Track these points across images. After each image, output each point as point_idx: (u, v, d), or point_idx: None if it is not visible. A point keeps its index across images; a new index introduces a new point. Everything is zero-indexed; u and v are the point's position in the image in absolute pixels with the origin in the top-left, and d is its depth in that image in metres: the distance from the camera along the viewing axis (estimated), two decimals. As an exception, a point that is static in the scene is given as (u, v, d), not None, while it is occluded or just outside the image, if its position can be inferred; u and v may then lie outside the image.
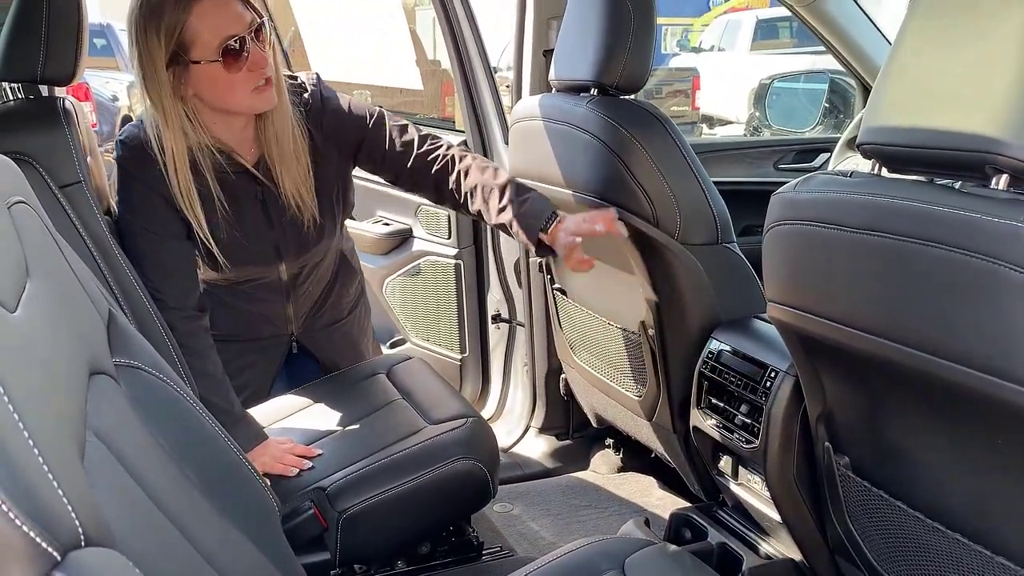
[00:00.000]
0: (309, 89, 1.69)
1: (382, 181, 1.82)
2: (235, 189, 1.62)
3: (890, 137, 1.06)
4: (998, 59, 0.95)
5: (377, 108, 1.75)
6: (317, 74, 1.74)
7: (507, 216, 1.62)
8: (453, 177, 1.69)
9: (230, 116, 1.57)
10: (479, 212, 1.68)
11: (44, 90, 1.57)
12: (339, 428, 1.67)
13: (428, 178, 1.71)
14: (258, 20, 1.52)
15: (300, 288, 1.78)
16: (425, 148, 1.71)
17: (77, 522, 0.53)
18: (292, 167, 1.61)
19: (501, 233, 2.38)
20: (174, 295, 1.58)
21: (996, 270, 0.91)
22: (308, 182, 1.64)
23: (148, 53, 1.47)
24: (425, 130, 1.77)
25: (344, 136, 1.70)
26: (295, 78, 1.71)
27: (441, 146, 1.73)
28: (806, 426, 1.40)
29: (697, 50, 13.05)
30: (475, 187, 1.66)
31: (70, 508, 0.53)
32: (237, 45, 1.48)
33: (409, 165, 1.71)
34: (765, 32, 11.44)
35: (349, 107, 1.71)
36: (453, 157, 1.70)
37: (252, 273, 1.71)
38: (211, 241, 1.58)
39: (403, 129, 1.73)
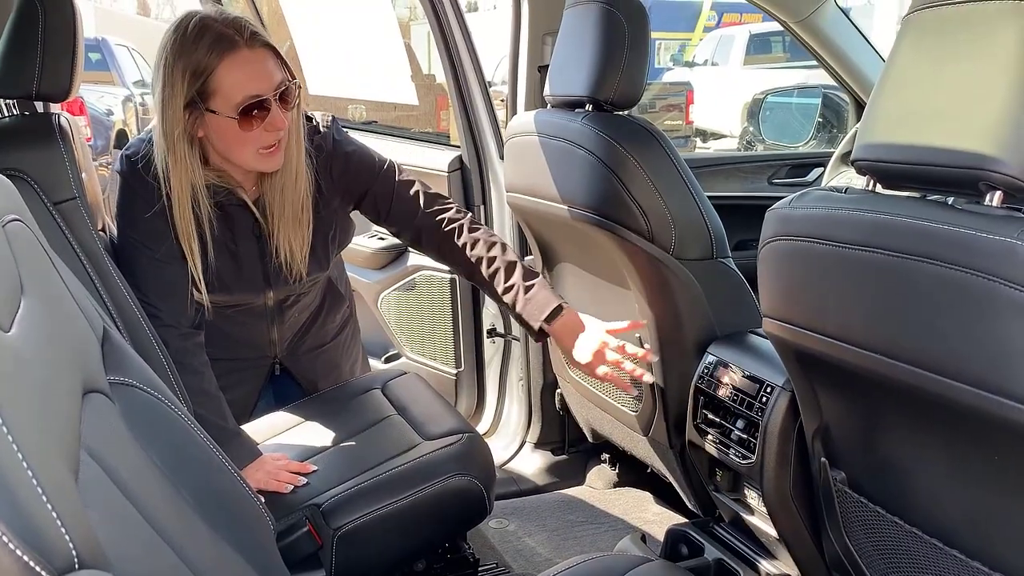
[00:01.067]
0: (322, 131, 1.67)
1: None
2: (231, 220, 1.61)
3: (884, 154, 1.07)
4: (991, 76, 0.95)
5: (388, 159, 1.73)
6: (332, 116, 1.71)
7: (510, 298, 1.65)
8: (459, 244, 1.68)
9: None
10: (481, 285, 1.70)
11: (39, 106, 1.56)
12: (334, 444, 1.67)
13: (431, 240, 1.71)
14: (287, 82, 1.50)
15: (285, 315, 1.77)
16: (433, 209, 1.69)
17: (71, 545, 0.52)
18: (288, 227, 1.59)
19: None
20: (168, 312, 1.57)
21: (991, 286, 0.91)
22: (304, 245, 1.62)
23: (171, 87, 1.45)
24: (434, 189, 1.74)
25: (351, 183, 1.68)
26: (310, 119, 1.68)
27: (449, 209, 1.71)
28: (802, 442, 1.40)
29: (690, 64, 13.13)
30: (480, 260, 1.67)
31: (64, 531, 0.52)
32: (257, 106, 1.46)
33: (413, 223, 1.70)
34: (758, 46, 11.52)
35: (360, 155, 1.69)
36: (460, 225, 1.69)
37: (238, 300, 1.70)
38: (198, 272, 1.56)
39: (410, 185, 1.71)
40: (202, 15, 1.46)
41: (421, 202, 1.69)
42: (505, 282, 1.65)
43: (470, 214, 1.73)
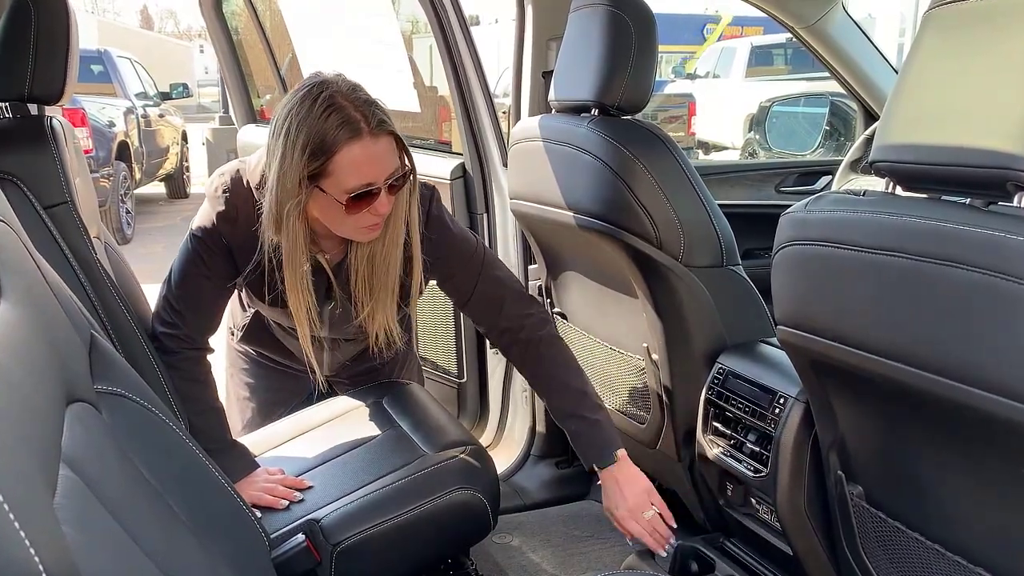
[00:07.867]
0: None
1: None
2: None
3: (905, 154, 1.03)
4: (1017, 72, 0.92)
5: (482, 249, 1.67)
6: (434, 188, 1.65)
7: (571, 427, 1.63)
8: (531, 359, 1.65)
9: None
10: (544, 400, 1.69)
11: (33, 109, 1.53)
12: (334, 457, 1.63)
13: (505, 346, 1.68)
14: (401, 170, 1.45)
15: (339, 346, 1.77)
16: (513, 315, 1.64)
17: (41, 568, 0.48)
18: (373, 295, 1.56)
19: (498, 253, 2.35)
20: (190, 324, 1.57)
21: (1021, 290, 0.87)
22: (389, 313, 1.58)
23: (290, 159, 1.38)
24: (518, 286, 1.70)
25: (435, 262, 1.62)
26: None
27: (530, 316, 1.65)
28: (817, 454, 1.36)
29: (692, 76, 13.14)
30: (548, 380, 1.64)
31: (32, 552, 0.48)
32: (366, 193, 1.41)
33: (491, 324, 1.67)
34: (760, 59, 11.52)
35: (451, 238, 1.63)
36: (538, 338, 1.63)
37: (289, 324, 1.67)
38: (315, 317, 1.54)
39: (497, 283, 1.65)
40: (334, 91, 1.38)
41: (502, 306, 1.64)
42: (569, 408, 1.62)
43: (550, 324, 1.67)
